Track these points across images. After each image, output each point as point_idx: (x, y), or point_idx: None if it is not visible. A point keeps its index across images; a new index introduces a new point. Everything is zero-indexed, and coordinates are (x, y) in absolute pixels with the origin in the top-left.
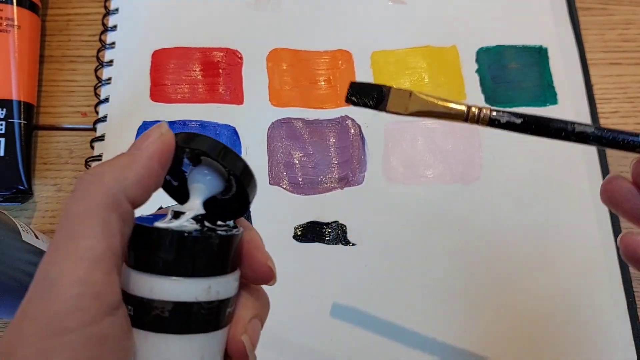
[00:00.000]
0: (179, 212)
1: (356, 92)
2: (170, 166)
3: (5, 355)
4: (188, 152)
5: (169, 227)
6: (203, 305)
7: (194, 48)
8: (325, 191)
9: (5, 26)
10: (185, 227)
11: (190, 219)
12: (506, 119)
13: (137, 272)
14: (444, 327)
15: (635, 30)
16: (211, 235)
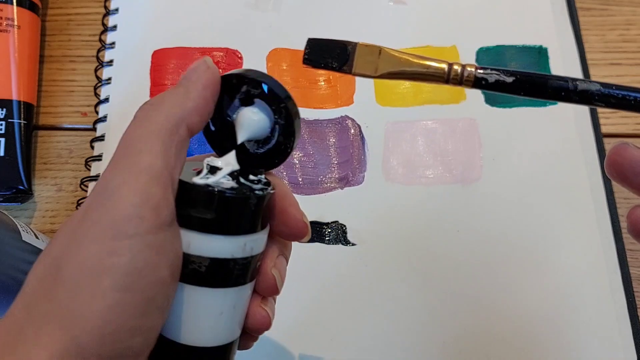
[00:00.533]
0: (215, 167)
1: (315, 50)
2: (216, 108)
3: (62, 257)
4: (245, 90)
5: (208, 184)
6: (238, 261)
7: (194, 48)
8: (325, 191)
9: (5, 26)
10: (223, 185)
11: (227, 175)
12: (495, 77)
13: (179, 227)
14: (444, 327)
15: (635, 31)
16: (249, 195)
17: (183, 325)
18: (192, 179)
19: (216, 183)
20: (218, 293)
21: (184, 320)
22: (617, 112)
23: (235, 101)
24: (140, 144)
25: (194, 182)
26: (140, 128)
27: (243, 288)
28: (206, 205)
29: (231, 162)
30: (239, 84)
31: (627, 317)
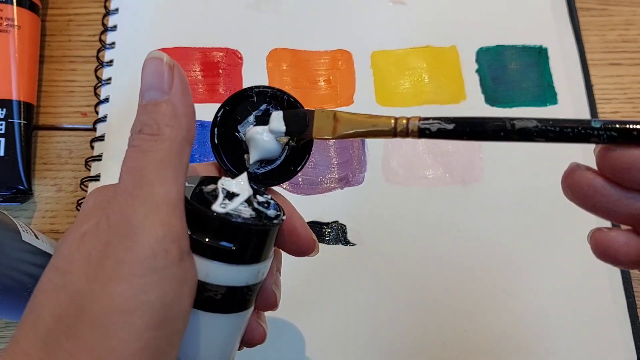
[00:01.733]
0: (231, 193)
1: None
2: (226, 121)
3: (85, 295)
4: (265, 108)
5: (229, 214)
6: (251, 288)
7: (194, 48)
8: (325, 191)
9: (5, 26)
10: (242, 213)
11: (244, 202)
12: (437, 126)
13: (194, 254)
14: (444, 327)
15: (635, 31)
16: (270, 227)
17: (195, 349)
18: (212, 207)
19: (235, 211)
20: (230, 318)
21: (196, 345)
22: (617, 113)
23: (250, 117)
24: (151, 175)
25: (215, 211)
26: (146, 157)
27: (249, 310)
28: (229, 236)
29: (246, 187)
30: (259, 101)
31: (627, 317)
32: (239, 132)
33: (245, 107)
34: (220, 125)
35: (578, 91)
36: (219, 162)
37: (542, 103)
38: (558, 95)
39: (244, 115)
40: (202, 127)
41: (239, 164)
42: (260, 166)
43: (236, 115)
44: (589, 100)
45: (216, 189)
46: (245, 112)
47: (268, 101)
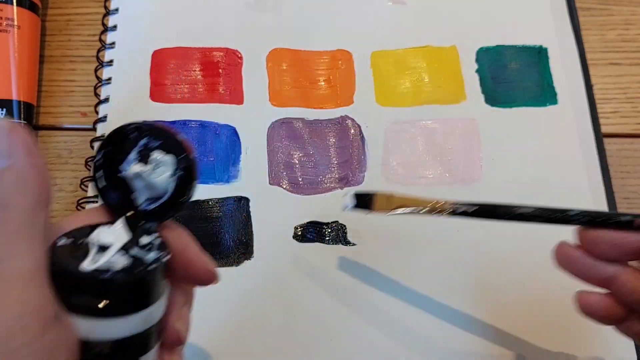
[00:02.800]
0: (103, 246)
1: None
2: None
3: None
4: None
5: (98, 270)
6: (141, 335)
7: (194, 48)
8: (325, 191)
9: (5, 26)
10: (115, 265)
11: (117, 252)
12: (462, 209)
13: (71, 314)
14: (444, 327)
15: (635, 31)
16: (145, 274)
17: None
18: (81, 265)
19: (107, 264)
20: None
21: None
22: (617, 112)
23: (131, 154)
24: (2, 250)
25: (83, 269)
26: None
27: (149, 354)
28: (101, 293)
29: (120, 233)
30: (138, 137)
31: None
32: (123, 171)
33: (125, 145)
34: (103, 168)
35: (578, 91)
36: (107, 206)
37: (542, 103)
38: (558, 95)
39: (125, 153)
40: (203, 127)
41: (129, 204)
42: (150, 202)
43: (117, 154)
44: (589, 100)
45: (89, 242)
46: (126, 149)
47: (146, 135)
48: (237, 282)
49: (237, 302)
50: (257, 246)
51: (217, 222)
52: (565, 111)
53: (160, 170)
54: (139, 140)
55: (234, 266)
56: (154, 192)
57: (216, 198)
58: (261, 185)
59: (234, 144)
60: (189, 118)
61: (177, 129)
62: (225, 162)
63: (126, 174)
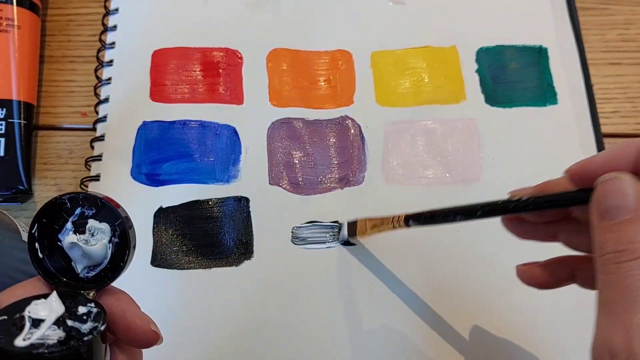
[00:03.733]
0: (37, 320)
1: (349, 228)
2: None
3: None
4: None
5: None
6: None
7: (194, 48)
8: (325, 191)
9: (5, 26)
10: (49, 339)
11: (52, 325)
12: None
13: None
14: (444, 326)
15: (635, 30)
16: (78, 347)
17: None
18: (15, 340)
19: (41, 339)
20: None
21: None
22: (617, 112)
23: (68, 224)
24: None
25: (17, 345)
26: None
27: None
28: None
29: (55, 307)
30: (72, 206)
31: None
32: (61, 241)
33: (61, 215)
34: (40, 239)
35: (578, 91)
36: (45, 278)
37: (542, 103)
38: (558, 95)
39: (61, 223)
40: (203, 127)
41: (67, 273)
42: (89, 270)
43: (54, 224)
44: (589, 100)
45: (24, 317)
46: (62, 219)
47: (81, 204)
48: (237, 282)
49: (237, 302)
50: (257, 246)
51: (217, 222)
52: (565, 111)
53: (96, 238)
54: (74, 210)
55: (234, 266)
56: (92, 260)
57: (216, 198)
58: (261, 185)
59: (234, 144)
60: (189, 118)
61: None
62: (225, 162)
63: (63, 243)
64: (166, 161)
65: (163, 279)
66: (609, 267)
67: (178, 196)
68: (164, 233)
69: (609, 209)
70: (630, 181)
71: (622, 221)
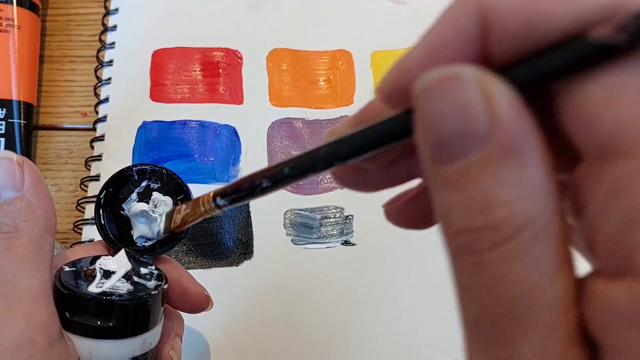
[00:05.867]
0: (108, 272)
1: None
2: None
3: None
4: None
5: (105, 293)
6: (138, 358)
7: (194, 48)
8: (325, 191)
9: (5, 26)
10: (119, 290)
11: (121, 278)
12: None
13: (74, 335)
14: (444, 326)
15: None
16: (147, 299)
17: None
18: (88, 288)
19: (112, 289)
20: None
21: None
22: None
23: (133, 195)
24: (12, 270)
25: (90, 292)
26: (5, 255)
27: None
28: (107, 315)
29: (123, 263)
30: (139, 179)
31: None
32: (124, 209)
33: (128, 186)
34: (105, 206)
35: None
36: (107, 241)
37: None
38: None
39: (126, 193)
40: (202, 127)
41: (127, 240)
42: (147, 239)
43: (119, 194)
44: None
45: (95, 269)
46: (127, 190)
47: (148, 177)
48: (237, 282)
49: (237, 302)
50: (257, 246)
51: (217, 222)
52: None
53: (159, 210)
54: (141, 182)
55: (234, 266)
56: (152, 230)
57: None
58: None
59: (234, 144)
60: (189, 118)
61: (175, 172)
62: (225, 162)
63: (128, 212)
64: (166, 161)
65: None
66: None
67: None
68: None
69: (447, 140)
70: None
71: (473, 162)
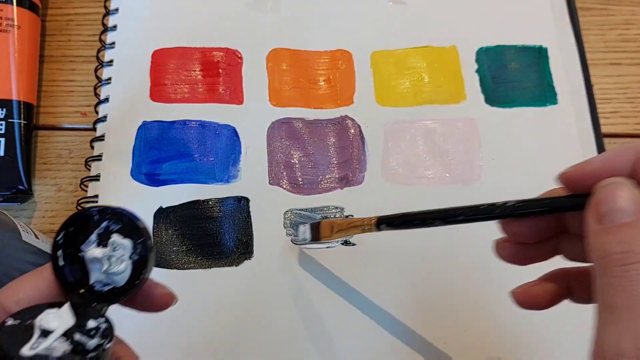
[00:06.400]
0: (46, 331)
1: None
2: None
3: None
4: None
5: (37, 355)
6: None
7: (194, 48)
8: (325, 191)
9: (5, 26)
10: (55, 351)
11: (60, 337)
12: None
13: None
14: (444, 326)
15: (635, 31)
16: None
17: None
18: (21, 350)
19: (47, 350)
20: None
21: None
22: (617, 112)
23: (92, 236)
24: None
25: (22, 355)
26: None
27: None
28: None
29: (65, 319)
30: (100, 220)
31: None
32: (83, 251)
33: (88, 226)
34: (64, 247)
35: (578, 91)
36: (62, 286)
37: (542, 103)
38: (558, 95)
39: (87, 233)
40: (202, 127)
41: (83, 284)
42: (104, 284)
43: (79, 235)
44: (589, 100)
45: (34, 325)
46: (88, 230)
47: (109, 218)
48: (237, 282)
49: (237, 302)
50: (257, 246)
51: (217, 222)
52: (565, 111)
53: (117, 254)
54: (100, 223)
55: (234, 266)
56: (109, 276)
57: (216, 198)
58: (261, 185)
59: (234, 144)
60: (189, 118)
61: (136, 214)
62: (225, 162)
63: (85, 254)
64: (166, 161)
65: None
66: (613, 269)
67: (178, 196)
68: (163, 233)
69: (609, 212)
70: (630, 186)
71: (623, 223)
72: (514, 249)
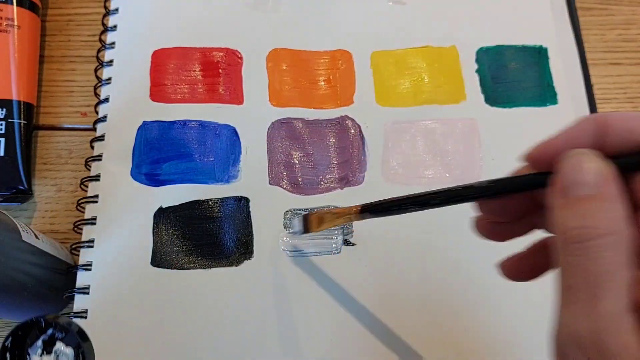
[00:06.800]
0: None
1: (304, 223)
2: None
3: None
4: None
5: None
6: None
7: (194, 48)
8: (325, 191)
9: (5, 26)
10: None
11: None
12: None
13: None
14: (444, 326)
15: (635, 31)
16: None
17: None
18: None
19: None
20: None
21: None
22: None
23: (39, 341)
24: None
25: None
26: None
27: None
28: None
29: None
30: (46, 326)
31: None
32: (30, 355)
33: (35, 332)
34: (12, 350)
35: (578, 91)
36: None
37: (542, 103)
38: (558, 95)
39: (33, 339)
40: (202, 127)
41: None
42: None
43: (27, 339)
44: (589, 100)
45: None
46: (35, 336)
47: (54, 326)
48: (237, 282)
49: (237, 302)
50: (257, 246)
51: (217, 222)
52: (565, 111)
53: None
54: (47, 329)
55: (234, 266)
56: None
57: (216, 198)
58: (261, 185)
59: (234, 144)
60: (189, 118)
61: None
62: (225, 162)
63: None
64: (166, 161)
65: (163, 279)
66: (571, 247)
67: (178, 196)
68: (163, 233)
69: (569, 185)
70: (591, 157)
71: (582, 197)
72: (492, 225)
